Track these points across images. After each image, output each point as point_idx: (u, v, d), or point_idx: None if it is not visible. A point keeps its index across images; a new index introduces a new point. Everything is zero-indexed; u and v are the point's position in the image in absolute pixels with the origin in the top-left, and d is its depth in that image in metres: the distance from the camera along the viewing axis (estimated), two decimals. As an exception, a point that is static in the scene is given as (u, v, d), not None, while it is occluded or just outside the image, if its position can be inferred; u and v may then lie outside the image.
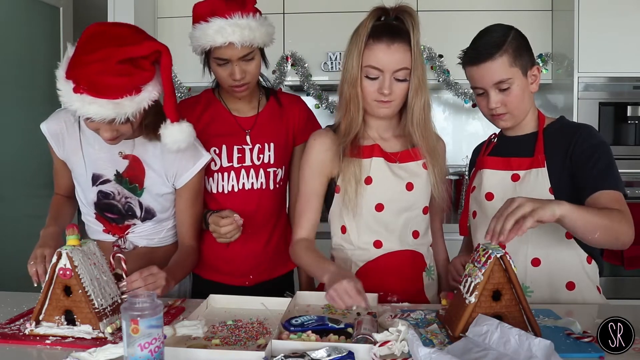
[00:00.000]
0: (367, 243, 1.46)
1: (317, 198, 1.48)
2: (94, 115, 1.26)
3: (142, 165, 1.49)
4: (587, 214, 1.23)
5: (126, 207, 1.51)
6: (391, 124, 1.49)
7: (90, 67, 1.24)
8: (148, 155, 1.50)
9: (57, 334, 1.16)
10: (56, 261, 1.17)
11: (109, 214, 1.53)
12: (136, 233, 1.56)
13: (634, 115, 2.66)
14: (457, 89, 2.93)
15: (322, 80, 3.02)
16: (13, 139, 2.84)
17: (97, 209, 1.53)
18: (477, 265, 1.13)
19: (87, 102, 1.24)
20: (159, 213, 1.54)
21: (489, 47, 1.38)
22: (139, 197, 1.51)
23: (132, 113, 1.28)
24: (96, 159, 1.49)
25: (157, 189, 1.51)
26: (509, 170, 1.45)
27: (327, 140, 1.46)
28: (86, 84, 1.24)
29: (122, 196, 1.50)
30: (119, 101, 1.25)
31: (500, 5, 2.89)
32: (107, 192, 1.51)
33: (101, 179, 1.50)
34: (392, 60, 1.36)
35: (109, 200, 1.51)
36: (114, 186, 1.50)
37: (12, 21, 2.82)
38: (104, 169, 1.49)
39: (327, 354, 0.98)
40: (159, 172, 1.50)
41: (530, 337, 0.98)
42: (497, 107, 1.41)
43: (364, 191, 1.42)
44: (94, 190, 1.51)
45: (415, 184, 1.46)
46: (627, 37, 2.62)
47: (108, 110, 1.25)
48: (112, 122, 1.29)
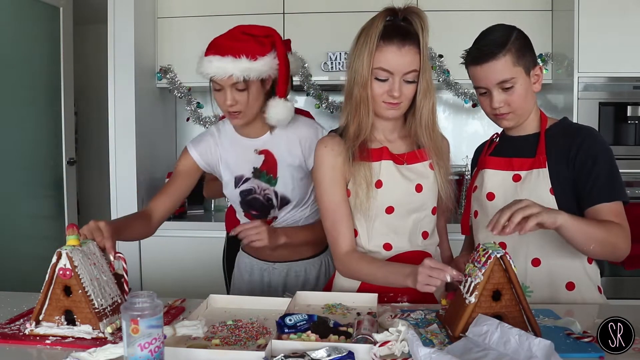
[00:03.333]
0: (377, 246, 1.46)
1: (344, 205, 1.45)
2: (216, 71, 1.50)
3: (274, 158, 1.67)
4: (584, 226, 1.27)
5: (266, 198, 1.69)
6: (396, 125, 1.49)
7: (219, 38, 1.56)
8: (276, 144, 1.67)
9: (57, 334, 1.16)
10: (56, 261, 1.16)
11: (253, 211, 1.72)
12: (277, 225, 1.70)
13: (634, 115, 2.66)
14: (457, 89, 2.93)
15: (322, 80, 3.02)
16: (13, 139, 2.84)
17: (242, 207, 1.73)
18: (477, 265, 1.13)
19: (212, 61, 1.51)
20: (293, 199, 1.69)
21: (493, 46, 1.37)
22: (273, 186, 1.68)
23: (247, 74, 1.50)
24: (236, 162, 1.70)
25: (290, 174, 1.66)
26: (510, 170, 1.45)
27: (335, 145, 1.44)
28: (214, 48, 1.53)
29: (261, 189, 1.69)
30: (238, 59, 1.49)
31: (500, 5, 2.89)
32: (248, 189, 1.70)
33: (242, 179, 1.70)
34: (403, 63, 1.35)
35: (252, 196, 1.70)
36: (253, 182, 1.69)
37: (12, 21, 2.82)
38: (244, 170, 1.69)
39: (327, 354, 0.98)
40: (291, 155, 1.66)
41: (530, 337, 0.98)
42: (500, 106, 1.41)
43: (375, 194, 1.42)
44: (236, 192, 1.71)
45: (424, 185, 1.45)
46: (627, 37, 2.62)
47: (228, 66, 1.49)
48: (234, 85, 1.52)
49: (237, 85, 1.53)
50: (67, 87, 3.15)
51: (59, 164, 3.14)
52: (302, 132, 1.67)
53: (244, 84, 1.52)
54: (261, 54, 1.53)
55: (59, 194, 3.14)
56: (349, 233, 1.45)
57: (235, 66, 1.50)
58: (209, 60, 1.52)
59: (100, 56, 3.16)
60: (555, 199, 1.38)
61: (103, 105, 2.98)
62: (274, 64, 1.55)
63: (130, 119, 2.85)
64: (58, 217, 3.14)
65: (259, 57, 1.52)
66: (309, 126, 1.69)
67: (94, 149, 4.31)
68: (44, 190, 3.09)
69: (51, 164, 3.11)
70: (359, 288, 1.46)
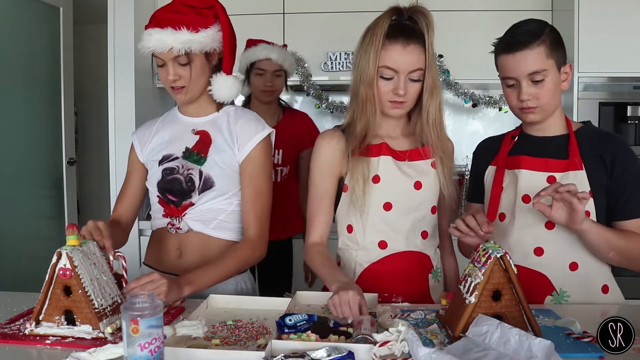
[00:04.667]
0: (372, 243, 1.46)
1: (328, 199, 1.47)
2: (155, 44, 1.43)
3: (210, 137, 1.56)
4: (606, 233, 1.31)
5: (187, 178, 1.53)
6: (400, 123, 1.49)
7: (159, 10, 1.49)
8: (217, 126, 1.56)
9: (57, 334, 1.16)
10: (56, 261, 1.16)
11: (169, 195, 1.55)
12: (192, 214, 1.54)
13: (634, 115, 2.67)
14: (457, 89, 2.92)
15: (322, 80, 3.02)
16: (13, 139, 2.84)
17: (159, 189, 1.56)
18: (477, 265, 1.13)
19: (152, 34, 1.44)
20: (217, 184, 1.53)
21: (528, 35, 1.35)
22: (200, 165, 1.54)
23: (189, 47, 1.43)
24: (170, 139, 1.58)
25: (221, 157, 1.53)
26: (545, 171, 1.40)
27: (334, 139, 1.45)
28: (154, 21, 1.46)
29: (185, 169, 1.54)
30: (178, 32, 1.42)
31: (500, 5, 2.89)
32: (171, 168, 1.55)
33: (169, 158, 1.56)
34: (408, 61, 1.35)
35: (173, 176, 1.55)
36: (180, 161, 1.55)
37: (12, 21, 2.82)
38: (175, 149, 1.57)
39: (327, 354, 0.98)
40: (227, 139, 1.53)
41: (530, 337, 0.98)
42: (528, 99, 1.37)
43: (372, 190, 1.42)
44: (159, 169, 1.56)
45: (423, 182, 1.45)
46: (627, 37, 2.63)
47: (167, 38, 1.42)
48: (175, 59, 1.45)
49: (179, 59, 1.45)
50: (67, 87, 3.15)
51: (59, 164, 3.14)
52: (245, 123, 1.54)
53: (186, 57, 1.45)
54: (203, 26, 1.46)
55: (59, 194, 3.14)
56: (321, 226, 1.47)
57: (175, 38, 1.43)
58: (148, 34, 1.45)
59: (100, 56, 3.16)
60: (594, 200, 1.36)
61: (103, 105, 2.98)
62: (218, 36, 1.48)
63: (130, 118, 2.85)
64: (58, 217, 3.14)
65: (200, 29, 1.45)
66: (256, 121, 1.57)
67: (94, 149, 4.32)
68: (44, 190, 3.09)
69: (51, 164, 3.11)
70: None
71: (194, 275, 1.38)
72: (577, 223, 1.26)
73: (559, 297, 1.39)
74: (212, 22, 1.47)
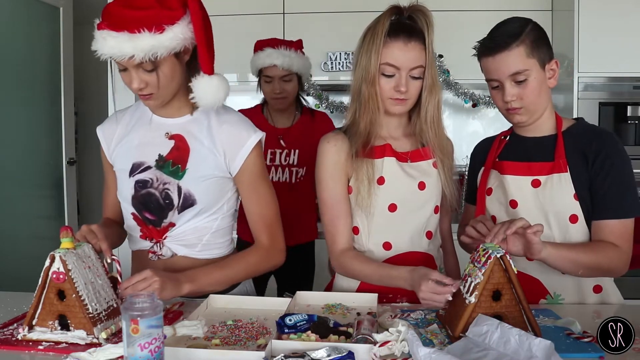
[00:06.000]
0: (376, 244, 1.45)
1: (344, 202, 1.44)
2: (111, 52, 1.19)
3: (187, 145, 1.36)
4: (570, 253, 1.29)
5: (163, 194, 1.36)
6: (401, 123, 1.49)
7: (112, 4, 1.21)
8: (196, 129, 1.37)
9: (51, 339, 1.12)
10: (49, 264, 1.13)
11: (147, 214, 1.39)
12: (174, 237, 1.40)
13: (634, 115, 2.67)
14: (457, 89, 2.93)
15: (322, 80, 3.03)
16: (13, 139, 2.84)
17: (134, 205, 1.39)
18: (477, 265, 1.13)
19: (106, 38, 1.19)
20: (199, 201, 1.36)
21: (506, 36, 1.35)
22: (179, 180, 1.35)
23: (153, 53, 1.19)
24: (139, 144, 1.39)
25: (202, 169, 1.36)
26: (529, 175, 1.40)
27: (339, 142, 1.44)
28: (106, 19, 1.20)
29: (160, 182, 1.36)
30: (138, 35, 1.18)
31: (500, 5, 2.89)
32: (144, 180, 1.36)
33: (141, 167, 1.37)
34: (409, 58, 1.36)
35: (147, 189, 1.36)
36: (154, 172, 1.37)
37: (12, 21, 2.82)
38: (146, 156, 1.38)
39: (327, 354, 0.98)
40: (209, 147, 1.36)
41: (530, 337, 0.98)
42: (512, 100, 1.37)
43: (377, 191, 1.41)
44: (131, 181, 1.38)
45: (427, 183, 1.45)
46: (627, 37, 2.63)
47: (125, 45, 1.18)
48: (138, 66, 1.22)
49: (144, 66, 1.23)
50: (67, 87, 3.15)
51: (59, 164, 3.13)
52: (231, 129, 1.37)
53: (152, 64, 1.22)
54: (169, 22, 1.20)
55: (59, 194, 3.14)
56: (346, 231, 1.45)
57: (134, 45, 1.18)
58: (101, 37, 1.20)
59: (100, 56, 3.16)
60: (580, 204, 1.35)
61: (103, 105, 2.97)
62: (189, 30, 1.23)
63: (130, 119, 2.84)
64: (58, 217, 3.14)
65: (166, 26, 1.20)
66: (243, 124, 1.40)
67: (94, 149, 4.30)
68: (44, 190, 3.09)
69: (51, 164, 3.11)
70: (358, 288, 1.46)
71: (196, 273, 1.32)
72: (535, 254, 1.24)
73: (553, 300, 1.40)
74: (181, 15, 1.23)
